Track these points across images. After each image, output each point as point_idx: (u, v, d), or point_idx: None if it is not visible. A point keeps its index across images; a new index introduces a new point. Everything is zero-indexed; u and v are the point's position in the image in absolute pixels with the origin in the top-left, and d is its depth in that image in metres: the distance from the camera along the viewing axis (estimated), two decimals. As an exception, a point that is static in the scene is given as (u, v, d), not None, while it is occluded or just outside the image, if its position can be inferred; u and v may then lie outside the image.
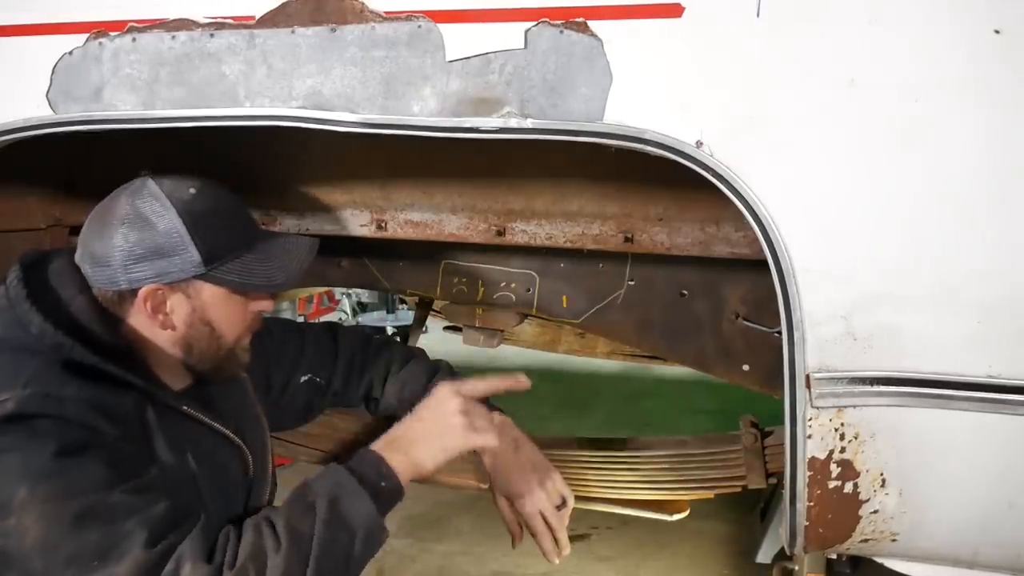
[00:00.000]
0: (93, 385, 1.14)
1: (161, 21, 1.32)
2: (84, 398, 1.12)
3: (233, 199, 1.30)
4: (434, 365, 1.63)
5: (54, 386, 1.12)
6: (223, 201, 1.28)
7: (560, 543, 1.44)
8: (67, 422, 1.10)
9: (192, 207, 1.22)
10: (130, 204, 1.22)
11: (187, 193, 1.23)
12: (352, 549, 1.18)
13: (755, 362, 1.62)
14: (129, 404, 1.18)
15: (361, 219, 1.71)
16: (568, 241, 1.61)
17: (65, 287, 1.23)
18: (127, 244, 1.20)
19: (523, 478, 1.45)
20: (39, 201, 1.82)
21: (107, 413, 1.13)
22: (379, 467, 1.25)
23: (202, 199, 1.24)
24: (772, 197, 1.14)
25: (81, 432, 1.10)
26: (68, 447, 1.08)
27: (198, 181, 1.26)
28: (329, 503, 1.17)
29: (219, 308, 1.27)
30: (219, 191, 1.28)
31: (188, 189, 1.23)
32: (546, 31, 1.17)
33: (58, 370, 1.14)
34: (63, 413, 1.10)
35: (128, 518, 1.07)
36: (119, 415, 1.15)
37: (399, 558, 2.88)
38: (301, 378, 1.58)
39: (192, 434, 1.26)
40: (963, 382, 1.16)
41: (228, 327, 1.29)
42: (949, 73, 1.08)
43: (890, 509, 1.29)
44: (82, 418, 1.11)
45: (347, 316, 6.43)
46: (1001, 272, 1.12)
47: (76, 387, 1.13)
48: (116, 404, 1.15)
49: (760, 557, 2.66)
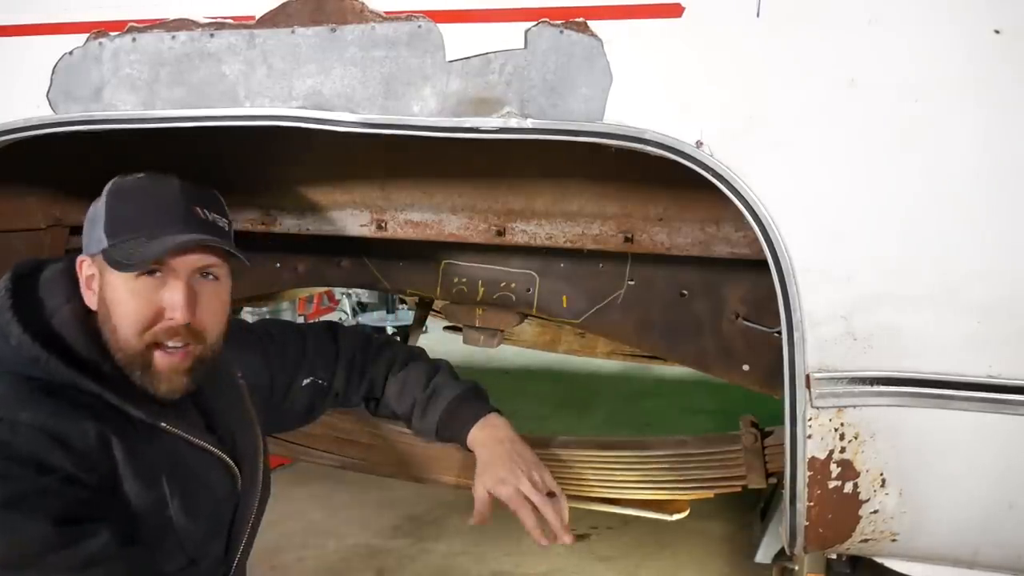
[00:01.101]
0: (56, 411, 1.11)
1: (161, 21, 1.32)
2: (40, 425, 1.09)
3: (179, 191, 1.23)
4: (434, 365, 1.62)
5: (12, 409, 1.09)
6: (160, 188, 1.23)
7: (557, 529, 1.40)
8: (15, 457, 1.06)
9: (123, 185, 1.23)
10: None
11: (135, 175, 1.24)
12: None
13: (755, 362, 1.62)
14: (91, 433, 1.13)
15: (361, 219, 1.71)
16: (568, 241, 1.61)
17: (53, 297, 1.21)
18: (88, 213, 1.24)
19: (509, 468, 1.44)
20: (39, 201, 1.82)
21: (63, 442, 1.10)
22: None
23: (139, 182, 1.24)
24: (772, 197, 1.14)
25: (27, 475, 1.06)
26: (12, 498, 1.04)
27: (167, 174, 1.25)
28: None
29: (114, 292, 1.19)
30: (172, 181, 1.24)
31: (140, 174, 1.25)
32: (546, 31, 1.17)
33: (24, 391, 1.12)
34: (14, 440, 1.07)
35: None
36: (77, 445, 1.11)
37: (399, 558, 2.88)
38: (303, 381, 1.57)
39: (170, 451, 1.23)
40: (963, 382, 1.16)
41: (121, 316, 1.18)
42: (949, 73, 1.08)
43: (890, 509, 1.29)
44: (33, 447, 1.07)
45: (347, 316, 6.43)
46: (1001, 272, 1.12)
47: (35, 412, 1.10)
48: (76, 433, 1.12)
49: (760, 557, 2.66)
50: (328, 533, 3.07)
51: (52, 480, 1.08)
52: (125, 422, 1.18)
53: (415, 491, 1.24)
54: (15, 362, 1.14)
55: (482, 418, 1.52)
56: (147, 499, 1.18)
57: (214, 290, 1.25)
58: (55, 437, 1.09)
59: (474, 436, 1.51)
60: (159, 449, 1.21)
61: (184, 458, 1.25)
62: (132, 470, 1.16)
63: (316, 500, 3.28)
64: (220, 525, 1.33)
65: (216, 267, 1.24)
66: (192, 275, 1.21)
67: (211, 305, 1.24)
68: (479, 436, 1.50)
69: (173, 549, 1.22)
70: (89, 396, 1.15)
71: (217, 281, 1.25)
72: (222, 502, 1.32)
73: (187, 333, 1.20)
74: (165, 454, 1.22)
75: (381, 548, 2.94)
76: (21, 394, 1.12)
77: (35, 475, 1.07)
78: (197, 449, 1.27)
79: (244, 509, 1.37)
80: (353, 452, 1.77)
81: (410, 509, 3.22)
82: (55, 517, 1.05)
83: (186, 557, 1.24)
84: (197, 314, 1.21)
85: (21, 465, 1.07)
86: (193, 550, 1.24)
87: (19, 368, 1.14)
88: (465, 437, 1.52)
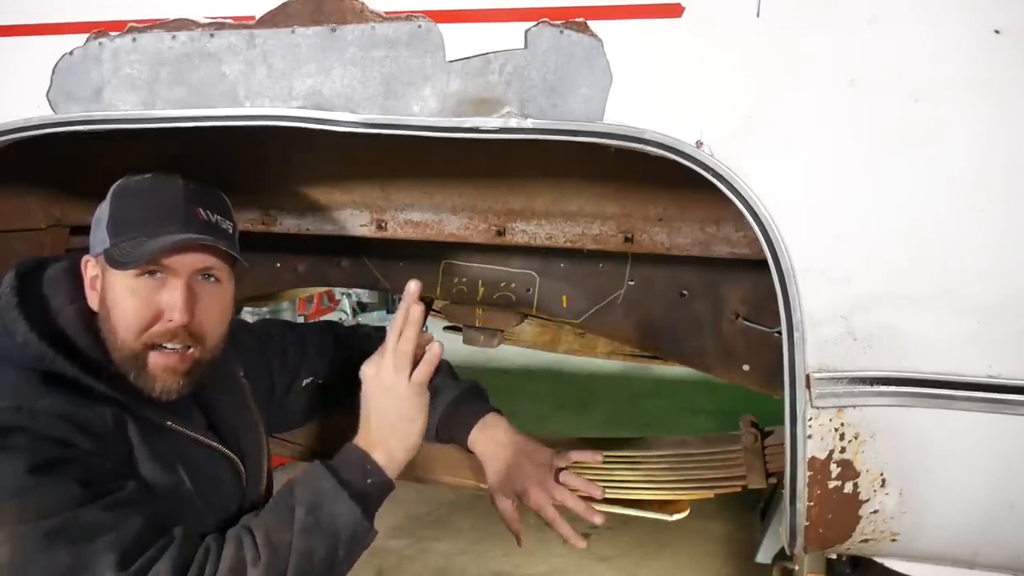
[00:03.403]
0: (70, 398, 1.12)
1: (161, 21, 1.32)
2: (58, 411, 1.10)
3: (182, 191, 1.23)
4: (434, 365, 1.62)
5: (29, 399, 1.10)
6: (163, 188, 1.23)
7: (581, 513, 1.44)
8: (39, 436, 1.07)
9: (127, 185, 1.24)
10: None
11: (141, 176, 1.25)
12: (335, 555, 1.16)
13: (755, 362, 1.62)
14: (108, 417, 1.15)
15: (361, 219, 1.70)
16: (568, 241, 1.61)
17: (57, 295, 1.22)
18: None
19: (522, 472, 1.44)
20: (39, 201, 1.82)
21: (83, 427, 1.11)
22: (364, 464, 1.23)
23: (143, 182, 1.25)
24: (772, 197, 1.14)
25: (53, 447, 1.08)
26: (40, 464, 1.05)
27: (171, 174, 1.26)
28: (307, 511, 1.15)
29: (113, 292, 1.19)
30: (176, 181, 1.24)
31: (147, 175, 1.25)
32: (546, 31, 1.17)
33: (36, 382, 1.13)
34: (35, 426, 1.08)
35: (100, 538, 1.04)
36: (96, 429, 1.12)
37: (399, 558, 2.88)
38: (304, 381, 1.57)
39: (178, 447, 1.24)
40: (963, 382, 1.16)
41: (120, 316, 1.19)
42: (949, 73, 1.08)
43: (890, 509, 1.29)
44: (55, 432, 1.08)
45: (347, 316, 6.44)
46: (1001, 272, 1.12)
47: (51, 400, 1.11)
48: (93, 417, 1.13)
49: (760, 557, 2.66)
50: (328, 533, 3.06)
51: (77, 451, 1.09)
52: (134, 419, 1.18)
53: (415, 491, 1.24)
54: (22, 359, 1.15)
55: (481, 419, 1.52)
56: (164, 482, 1.19)
57: (215, 292, 1.24)
58: (74, 421, 1.11)
59: (475, 438, 1.51)
60: (169, 443, 1.22)
61: (192, 454, 1.26)
62: (150, 456, 1.17)
63: (316, 500, 3.28)
64: (227, 522, 1.33)
65: (217, 269, 1.24)
66: (192, 276, 1.21)
67: (211, 307, 1.23)
68: (480, 438, 1.51)
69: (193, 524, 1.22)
70: (97, 392, 1.16)
71: (218, 283, 1.25)
72: (229, 499, 1.33)
73: (186, 335, 1.20)
74: (175, 448, 1.23)
75: (381, 548, 2.94)
76: (33, 385, 1.12)
77: (61, 448, 1.08)
78: (203, 447, 1.28)
79: (249, 507, 1.37)
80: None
81: (410, 509, 3.22)
82: (82, 480, 1.07)
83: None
84: (196, 316, 1.20)
85: (46, 442, 1.08)
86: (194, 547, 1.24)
87: (26, 364, 1.15)
88: (465, 439, 1.52)
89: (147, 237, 1.18)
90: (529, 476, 1.44)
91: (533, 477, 1.44)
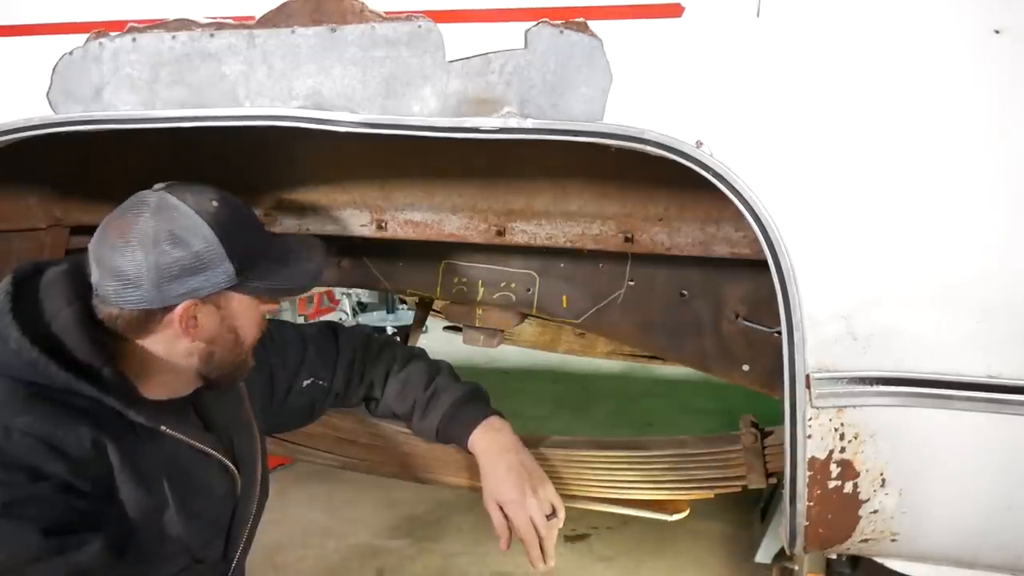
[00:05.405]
0: (52, 417, 1.11)
1: (161, 21, 1.32)
2: (35, 431, 1.09)
3: (245, 205, 1.28)
4: (435, 366, 1.63)
5: (6, 415, 1.09)
6: (241, 209, 1.26)
7: (546, 553, 1.45)
8: (8, 464, 1.07)
9: (220, 219, 1.18)
10: (157, 222, 1.15)
11: (211, 206, 1.19)
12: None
13: (755, 362, 1.62)
14: (87, 439, 1.13)
15: (361, 219, 1.71)
16: (568, 241, 1.61)
17: (53, 300, 1.19)
18: (162, 263, 1.14)
19: (516, 484, 1.45)
20: (39, 201, 1.82)
21: (58, 449, 1.10)
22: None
23: (226, 209, 1.21)
24: (772, 197, 1.14)
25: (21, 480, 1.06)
26: (3, 506, 1.05)
27: (214, 191, 1.22)
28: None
29: (245, 315, 1.26)
30: (234, 199, 1.25)
31: (211, 201, 1.19)
32: (546, 31, 1.17)
33: (20, 395, 1.12)
34: (8, 448, 1.07)
35: None
36: (73, 452, 1.11)
37: (399, 558, 2.88)
38: (304, 381, 1.57)
39: (170, 454, 1.23)
40: (963, 382, 1.16)
41: (249, 332, 1.29)
42: (949, 73, 1.08)
43: (890, 509, 1.29)
44: (27, 457, 1.07)
45: (347, 316, 6.43)
46: (1001, 272, 1.12)
47: (31, 418, 1.10)
48: (72, 439, 1.12)
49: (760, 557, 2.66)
50: (328, 533, 3.07)
51: (45, 487, 1.08)
52: (125, 426, 1.18)
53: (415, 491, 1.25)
54: (13, 366, 1.13)
55: (483, 422, 1.52)
56: (146, 503, 1.18)
57: None
58: (50, 444, 1.10)
59: (475, 440, 1.51)
60: (159, 452, 1.22)
61: (184, 460, 1.25)
62: (129, 475, 1.16)
63: (316, 500, 3.28)
64: (219, 526, 1.33)
65: None
66: None
67: None
68: (481, 441, 1.51)
69: (174, 551, 1.22)
70: (88, 400, 1.14)
71: None
72: (221, 503, 1.33)
73: None
74: (165, 457, 1.22)
75: (381, 548, 2.94)
76: (17, 399, 1.12)
77: (28, 482, 1.07)
78: (197, 452, 1.27)
79: (243, 510, 1.37)
80: (353, 452, 1.77)
81: (410, 509, 3.22)
82: (45, 526, 1.06)
83: (187, 558, 1.24)
84: None
85: (14, 471, 1.07)
86: (194, 551, 1.25)
87: (17, 372, 1.13)
88: (466, 440, 1.52)
89: (275, 262, 1.27)
90: (512, 490, 1.45)
91: (516, 491, 1.45)
